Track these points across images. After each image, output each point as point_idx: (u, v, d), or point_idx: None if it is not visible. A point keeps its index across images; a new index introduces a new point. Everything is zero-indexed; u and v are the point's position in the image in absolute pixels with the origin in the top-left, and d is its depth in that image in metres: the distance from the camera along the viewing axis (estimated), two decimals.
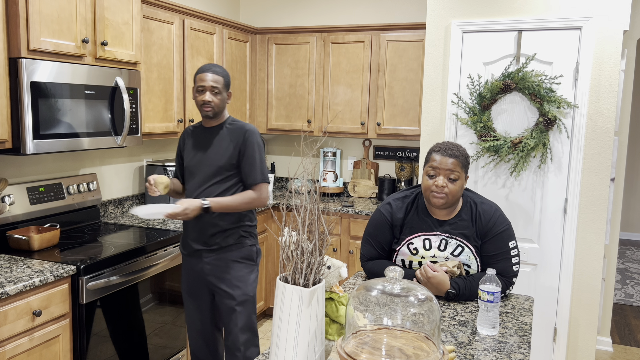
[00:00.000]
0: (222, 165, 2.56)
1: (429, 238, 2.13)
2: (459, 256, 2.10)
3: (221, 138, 2.59)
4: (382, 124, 4.07)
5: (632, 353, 3.95)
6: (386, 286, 1.39)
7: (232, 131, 2.59)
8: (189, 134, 2.71)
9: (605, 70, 3.03)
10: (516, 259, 2.11)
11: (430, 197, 2.08)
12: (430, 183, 2.07)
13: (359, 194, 4.44)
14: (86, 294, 2.43)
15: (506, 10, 3.21)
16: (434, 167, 2.07)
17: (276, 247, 4.18)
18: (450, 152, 2.07)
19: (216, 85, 2.52)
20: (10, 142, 2.41)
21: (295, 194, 4.40)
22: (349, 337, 1.34)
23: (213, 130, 2.63)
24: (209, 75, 2.52)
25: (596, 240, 3.14)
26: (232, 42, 4.07)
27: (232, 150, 2.56)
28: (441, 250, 2.12)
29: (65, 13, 2.55)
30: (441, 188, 2.04)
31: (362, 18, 4.41)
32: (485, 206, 2.15)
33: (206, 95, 2.51)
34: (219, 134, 2.60)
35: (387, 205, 2.23)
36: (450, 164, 2.04)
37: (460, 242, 2.10)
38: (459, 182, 2.06)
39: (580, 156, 3.11)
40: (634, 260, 6.56)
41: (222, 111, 2.61)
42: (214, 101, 2.52)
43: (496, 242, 2.09)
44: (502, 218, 2.13)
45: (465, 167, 2.09)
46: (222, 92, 2.55)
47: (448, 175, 2.05)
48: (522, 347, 1.68)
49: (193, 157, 2.64)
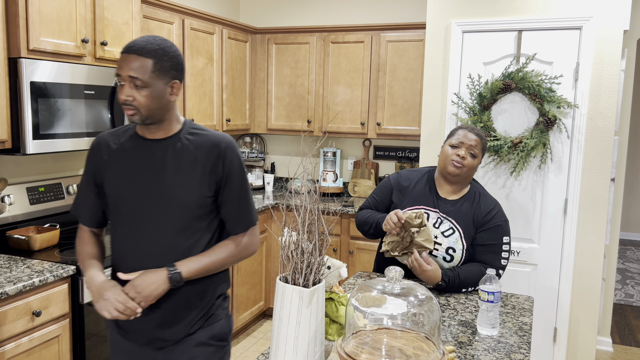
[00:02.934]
0: (189, 203, 1.62)
1: (428, 212, 2.21)
2: (448, 237, 2.16)
3: (179, 157, 1.63)
4: (382, 124, 4.07)
5: (632, 353, 3.95)
6: (386, 286, 1.39)
7: (197, 146, 1.65)
8: (109, 147, 1.69)
9: (605, 70, 3.03)
10: (506, 255, 2.18)
11: (448, 166, 2.18)
12: (451, 152, 2.19)
13: (359, 194, 4.44)
14: (86, 294, 2.42)
15: (506, 10, 3.21)
16: (458, 139, 2.20)
17: (276, 247, 4.17)
18: (476, 132, 2.22)
19: (136, 76, 1.52)
20: (10, 142, 2.41)
21: (295, 194, 4.40)
22: (349, 337, 1.34)
23: (160, 144, 1.65)
24: (129, 58, 1.54)
25: (596, 240, 3.13)
26: (232, 42, 4.07)
27: (203, 177, 1.63)
28: (435, 227, 2.19)
29: (65, 13, 2.55)
30: (462, 159, 2.16)
31: (362, 18, 4.41)
32: (488, 199, 2.24)
33: (122, 91, 1.56)
34: (173, 150, 1.64)
35: (397, 174, 2.39)
36: (474, 141, 2.18)
37: (453, 225, 2.17)
38: (476, 160, 2.19)
39: (580, 156, 3.11)
40: (634, 260, 6.56)
41: (165, 113, 1.62)
42: (137, 99, 1.55)
43: (491, 233, 2.17)
44: (502, 213, 2.22)
45: (483, 150, 2.23)
46: (152, 83, 1.55)
47: (470, 149, 2.17)
48: (522, 347, 1.68)
49: (127, 189, 1.65)
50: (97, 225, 1.77)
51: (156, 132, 1.65)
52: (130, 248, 1.66)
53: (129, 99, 1.54)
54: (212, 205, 1.67)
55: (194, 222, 1.64)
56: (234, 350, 3.76)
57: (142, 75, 1.53)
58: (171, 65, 1.58)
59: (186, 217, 1.63)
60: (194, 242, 1.65)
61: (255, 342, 3.90)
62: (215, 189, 1.65)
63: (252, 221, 1.72)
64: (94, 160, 1.71)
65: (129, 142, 1.68)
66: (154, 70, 1.54)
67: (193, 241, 1.65)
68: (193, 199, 1.62)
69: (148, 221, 1.63)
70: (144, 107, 1.56)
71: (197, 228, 1.65)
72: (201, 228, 1.66)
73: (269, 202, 4.11)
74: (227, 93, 4.05)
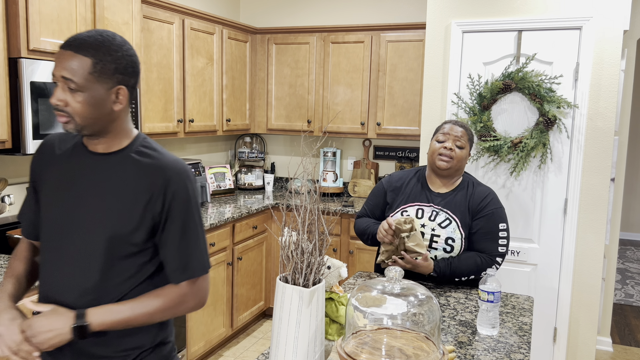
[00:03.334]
0: (116, 238, 1.34)
1: (422, 208, 2.23)
2: (445, 228, 2.18)
3: (116, 179, 1.36)
4: (382, 124, 4.07)
5: (632, 353, 3.95)
6: (386, 286, 1.39)
7: (140, 168, 1.36)
8: (52, 151, 1.45)
9: (605, 70, 3.03)
10: (504, 241, 2.19)
11: (437, 160, 2.21)
12: (438, 146, 2.22)
13: (359, 194, 4.44)
14: None
15: (506, 10, 3.21)
16: (444, 133, 2.23)
17: (276, 247, 4.17)
18: (460, 124, 2.25)
19: (70, 77, 1.26)
20: (10, 142, 2.41)
21: (295, 194, 4.40)
22: (349, 337, 1.34)
23: (100, 161, 1.38)
24: (64, 55, 1.28)
25: (596, 240, 3.13)
26: (232, 42, 4.07)
27: (137, 208, 1.34)
28: (431, 220, 2.20)
29: (65, 13, 2.55)
30: (449, 151, 2.19)
31: (362, 18, 4.41)
32: (481, 187, 2.27)
33: (54, 94, 1.29)
34: (111, 171, 1.37)
35: (389, 176, 2.41)
36: (459, 132, 2.22)
37: (449, 216, 2.19)
38: (464, 151, 2.22)
39: (580, 156, 3.11)
40: (634, 260, 6.56)
41: (108, 125, 1.35)
42: (70, 105, 1.28)
43: (486, 220, 2.18)
44: (496, 200, 2.24)
45: (470, 141, 2.26)
46: (89, 87, 1.27)
47: (456, 141, 2.21)
48: (522, 347, 1.68)
49: (55, 207, 1.39)
50: (36, 238, 1.50)
51: (97, 145, 1.38)
52: (48, 274, 1.39)
53: (59, 104, 1.28)
54: (147, 245, 1.36)
55: (121, 261, 1.35)
56: (235, 350, 3.76)
57: (77, 77, 1.25)
58: (116, 67, 1.29)
59: (111, 254, 1.33)
60: (117, 285, 1.35)
61: (255, 342, 3.90)
62: (151, 225, 1.34)
63: (198, 269, 1.38)
64: (36, 163, 1.46)
65: (72, 150, 1.41)
66: (93, 71, 1.26)
67: (116, 283, 1.35)
68: (122, 234, 1.33)
69: (68, 249, 1.36)
70: (78, 115, 1.28)
71: (125, 269, 1.35)
72: (129, 269, 1.36)
73: (269, 202, 4.11)
74: (227, 93, 4.05)
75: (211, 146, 4.55)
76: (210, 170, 4.23)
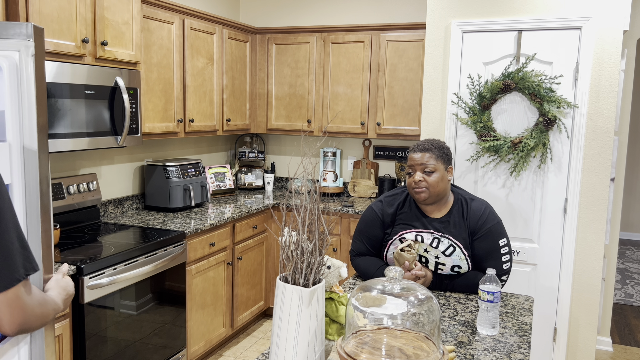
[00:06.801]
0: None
1: (421, 235, 2.16)
2: (450, 256, 2.13)
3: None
4: (382, 124, 4.07)
5: (632, 353, 3.95)
6: (386, 286, 1.39)
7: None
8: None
9: (605, 70, 3.03)
10: (507, 257, 2.14)
11: (414, 194, 2.14)
12: (409, 180, 2.15)
13: (359, 194, 4.44)
14: (86, 293, 2.42)
15: (506, 10, 3.21)
16: (410, 165, 2.15)
17: (276, 247, 4.18)
18: (422, 147, 2.14)
19: None
20: None
21: (295, 194, 4.40)
22: (349, 337, 1.34)
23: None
24: None
25: (596, 240, 3.14)
26: (232, 42, 4.07)
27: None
28: (434, 247, 2.14)
29: (65, 13, 2.55)
30: (419, 183, 2.10)
31: (362, 18, 4.41)
32: (475, 203, 2.18)
33: None
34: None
35: (379, 202, 2.28)
36: (423, 158, 2.11)
37: (452, 242, 2.13)
38: (436, 174, 2.11)
39: (580, 156, 3.11)
40: (634, 260, 6.56)
41: None
42: None
43: (486, 239, 2.12)
44: (492, 215, 2.16)
45: (442, 159, 2.13)
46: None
47: (423, 169, 2.11)
48: (522, 347, 1.68)
49: None
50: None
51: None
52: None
53: None
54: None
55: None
56: (235, 350, 3.76)
57: None
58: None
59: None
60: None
61: (255, 342, 3.90)
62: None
63: (12, 277, 1.07)
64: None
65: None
66: None
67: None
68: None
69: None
70: None
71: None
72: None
73: (269, 202, 4.11)
74: (227, 93, 4.05)
75: (211, 146, 4.55)
76: (211, 170, 4.23)
